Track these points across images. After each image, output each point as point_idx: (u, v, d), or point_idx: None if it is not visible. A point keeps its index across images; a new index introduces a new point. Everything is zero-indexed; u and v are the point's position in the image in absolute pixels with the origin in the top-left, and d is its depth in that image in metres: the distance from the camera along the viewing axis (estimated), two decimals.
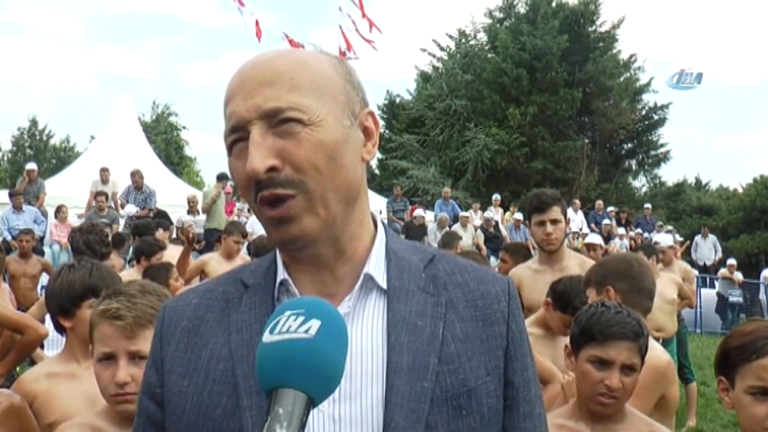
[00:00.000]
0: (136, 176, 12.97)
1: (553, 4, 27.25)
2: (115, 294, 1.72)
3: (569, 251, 3.65)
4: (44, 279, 8.66)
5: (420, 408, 0.94)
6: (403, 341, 0.97)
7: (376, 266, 1.02)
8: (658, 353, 2.45)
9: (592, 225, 16.57)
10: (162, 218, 11.90)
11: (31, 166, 13.62)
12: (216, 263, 5.97)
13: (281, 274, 1.03)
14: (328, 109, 0.97)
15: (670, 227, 18.50)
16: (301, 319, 0.79)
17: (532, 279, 3.58)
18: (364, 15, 14.87)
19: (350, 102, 1.01)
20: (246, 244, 7.69)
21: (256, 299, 1.02)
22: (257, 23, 14.01)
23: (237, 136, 0.97)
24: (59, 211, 12.12)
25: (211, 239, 10.75)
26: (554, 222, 3.51)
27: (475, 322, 1.02)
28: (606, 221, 16.45)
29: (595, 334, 1.99)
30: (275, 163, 0.93)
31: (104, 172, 13.21)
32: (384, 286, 1.01)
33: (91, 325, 1.73)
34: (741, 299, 16.14)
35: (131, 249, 7.41)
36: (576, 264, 3.53)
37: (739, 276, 16.22)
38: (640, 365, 2.01)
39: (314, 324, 0.78)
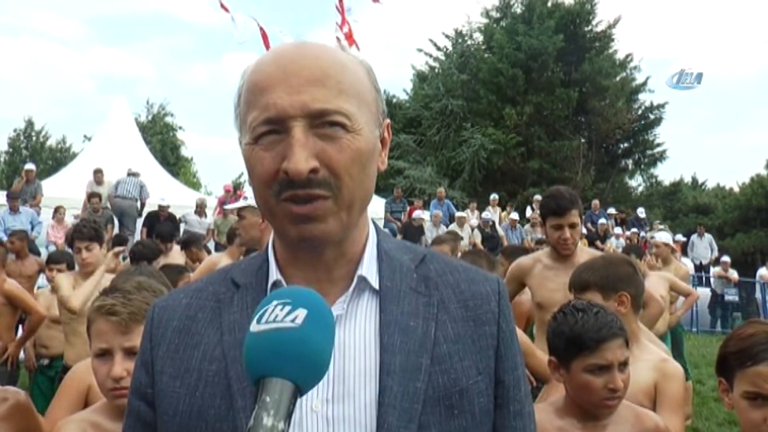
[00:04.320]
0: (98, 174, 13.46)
1: (549, 4, 27.28)
2: (111, 290, 1.74)
3: (580, 247, 3.57)
4: (41, 280, 8.64)
5: (413, 408, 0.95)
6: (395, 342, 0.98)
7: (369, 267, 1.03)
8: (674, 364, 2.46)
9: (588, 224, 16.61)
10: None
11: (30, 166, 13.70)
12: (226, 263, 6.05)
13: (274, 274, 1.03)
14: (366, 118, 0.98)
15: (662, 226, 18.49)
16: (287, 308, 0.79)
17: (542, 274, 3.51)
18: (345, 25, 14.68)
19: (378, 111, 1.02)
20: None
21: (248, 300, 1.02)
22: (263, 33, 13.75)
23: (271, 128, 0.95)
24: (57, 212, 12.13)
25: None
26: (572, 226, 3.41)
27: (467, 322, 1.03)
28: (602, 221, 16.50)
29: (587, 342, 1.94)
30: (317, 165, 0.93)
31: (97, 173, 13.38)
32: (376, 287, 1.02)
33: (88, 322, 1.75)
34: (737, 298, 16.18)
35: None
36: (588, 258, 3.39)
37: (734, 274, 16.26)
38: (628, 357, 2.01)
39: (301, 313, 0.79)
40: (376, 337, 0.98)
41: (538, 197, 17.72)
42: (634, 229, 17.31)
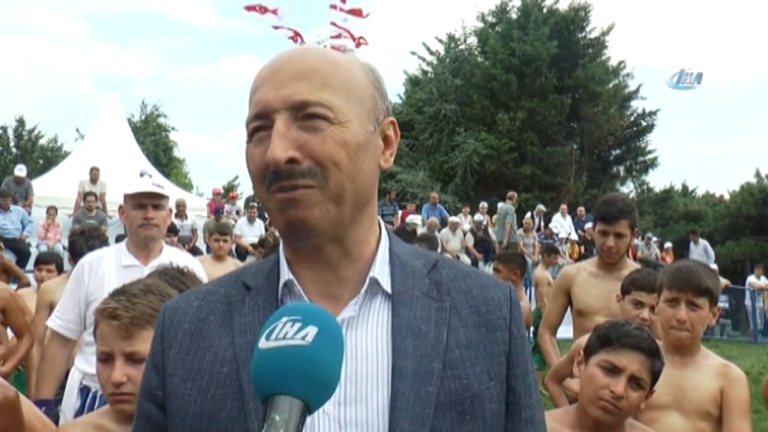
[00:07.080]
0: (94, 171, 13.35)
1: (544, 11, 27.36)
2: (118, 293, 1.70)
3: (628, 260, 3.57)
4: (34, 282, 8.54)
5: (425, 413, 0.95)
6: (407, 346, 0.98)
7: (381, 270, 1.03)
8: (737, 369, 2.44)
9: (579, 231, 16.72)
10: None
11: (21, 173, 13.44)
12: (208, 265, 6.06)
13: (285, 274, 1.02)
14: (355, 111, 0.98)
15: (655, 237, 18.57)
16: (297, 325, 0.79)
17: (587, 281, 3.52)
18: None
19: (376, 109, 1.03)
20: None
21: (259, 302, 1.02)
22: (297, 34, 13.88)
23: (260, 124, 0.97)
24: (50, 212, 12.05)
25: None
26: (618, 236, 3.38)
27: (478, 328, 1.03)
28: (589, 225, 16.57)
29: (612, 340, 2.02)
30: (296, 155, 0.94)
31: (94, 171, 13.17)
32: (389, 290, 1.02)
33: (94, 323, 1.73)
34: (726, 305, 16.28)
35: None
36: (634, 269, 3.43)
37: (725, 280, 16.34)
38: (648, 385, 2.01)
39: (311, 331, 0.78)
40: (388, 340, 0.98)
41: (541, 208, 17.82)
42: None
